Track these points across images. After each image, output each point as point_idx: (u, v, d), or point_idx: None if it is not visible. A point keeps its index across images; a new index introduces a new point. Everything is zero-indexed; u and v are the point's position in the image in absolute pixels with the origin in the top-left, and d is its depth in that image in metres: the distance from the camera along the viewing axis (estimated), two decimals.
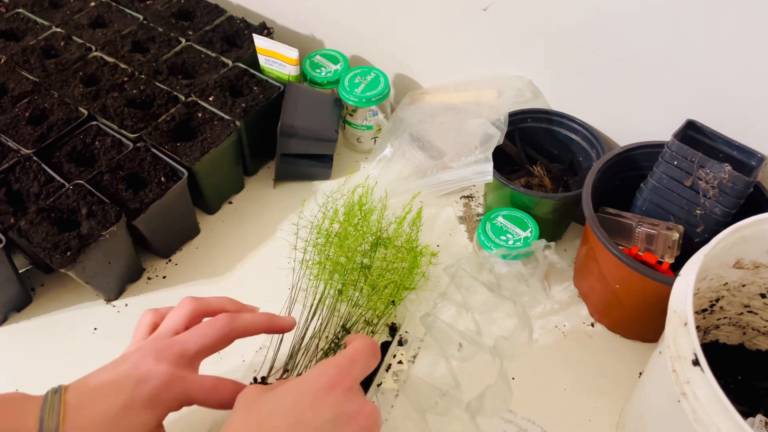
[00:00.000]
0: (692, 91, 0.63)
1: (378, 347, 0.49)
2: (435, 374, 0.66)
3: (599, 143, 0.73)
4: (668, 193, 0.64)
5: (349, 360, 0.46)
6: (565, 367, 0.68)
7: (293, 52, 0.81)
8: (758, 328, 0.63)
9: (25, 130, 0.74)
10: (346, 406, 0.43)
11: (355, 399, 0.44)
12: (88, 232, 0.65)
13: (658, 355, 0.51)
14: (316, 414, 0.42)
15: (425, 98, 0.84)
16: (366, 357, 0.47)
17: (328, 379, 0.44)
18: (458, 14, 0.76)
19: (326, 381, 0.44)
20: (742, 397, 0.62)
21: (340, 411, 0.43)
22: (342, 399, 0.43)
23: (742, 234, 0.51)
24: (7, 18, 0.90)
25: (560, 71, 0.73)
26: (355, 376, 0.45)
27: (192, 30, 0.89)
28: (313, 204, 0.82)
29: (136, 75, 0.82)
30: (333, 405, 0.43)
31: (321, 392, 0.43)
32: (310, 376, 0.44)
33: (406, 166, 0.81)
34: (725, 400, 0.39)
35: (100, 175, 0.70)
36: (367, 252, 0.69)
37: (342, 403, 0.43)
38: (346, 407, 0.43)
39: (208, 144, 0.73)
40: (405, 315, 0.71)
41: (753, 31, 0.55)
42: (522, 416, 0.63)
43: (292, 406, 0.42)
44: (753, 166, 0.61)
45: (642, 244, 0.64)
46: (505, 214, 0.72)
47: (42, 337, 0.71)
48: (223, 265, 0.77)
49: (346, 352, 0.47)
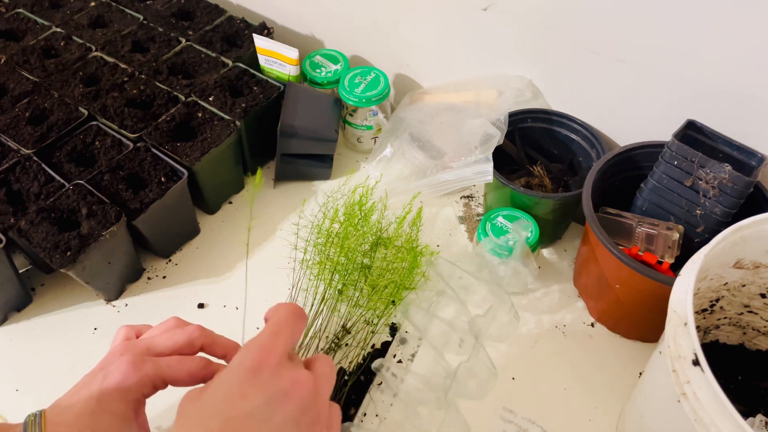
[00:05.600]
0: (692, 91, 0.63)
1: (301, 309, 0.46)
2: (434, 372, 0.66)
3: (599, 143, 0.73)
4: (668, 193, 0.64)
5: (270, 334, 0.43)
6: (565, 367, 0.68)
7: (293, 52, 0.81)
8: (758, 328, 0.63)
9: (25, 130, 0.74)
10: (277, 383, 0.40)
11: (285, 373, 0.41)
12: (88, 232, 0.65)
13: (658, 355, 0.51)
14: (247, 402, 0.39)
15: (425, 98, 0.84)
16: (290, 324, 0.44)
17: (251, 362, 0.41)
18: (458, 14, 0.76)
19: (249, 364, 0.41)
20: (742, 397, 0.62)
21: (272, 391, 0.40)
22: (270, 378, 0.40)
23: (742, 234, 0.51)
24: (7, 18, 0.90)
25: (560, 71, 0.73)
26: (280, 350, 0.42)
27: (192, 30, 0.89)
28: (313, 204, 0.82)
29: (136, 75, 0.82)
30: (262, 387, 0.40)
31: (246, 377, 0.40)
32: (234, 364, 0.41)
33: (406, 166, 0.81)
34: (725, 400, 0.39)
35: (100, 175, 0.70)
36: (367, 252, 0.69)
37: (272, 383, 0.40)
38: (277, 385, 0.40)
39: (208, 144, 0.73)
40: (405, 315, 0.70)
41: (753, 31, 0.55)
42: (522, 416, 0.63)
43: (223, 400, 0.40)
44: (753, 166, 0.61)
45: (642, 244, 0.64)
46: (505, 214, 0.72)
47: (42, 337, 0.71)
48: (223, 265, 0.77)
49: (266, 328, 0.44)
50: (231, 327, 0.67)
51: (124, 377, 0.45)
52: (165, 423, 0.62)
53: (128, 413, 0.45)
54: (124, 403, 0.45)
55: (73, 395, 0.46)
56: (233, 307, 0.73)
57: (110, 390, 0.45)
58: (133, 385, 0.45)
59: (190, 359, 0.48)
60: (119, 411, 0.44)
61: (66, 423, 0.44)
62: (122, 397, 0.45)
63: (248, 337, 0.53)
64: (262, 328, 0.45)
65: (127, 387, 0.45)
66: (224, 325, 0.56)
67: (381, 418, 0.63)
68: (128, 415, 0.45)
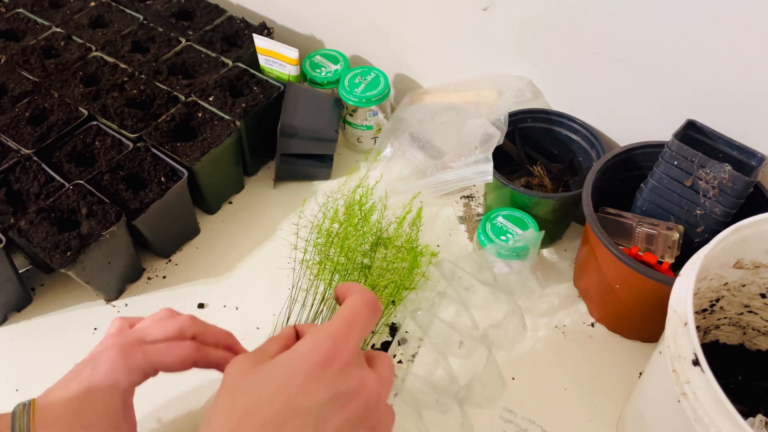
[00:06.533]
0: (692, 91, 0.63)
1: (377, 300, 0.41)
2: (434, 373, 0.66)
3: (599, 143, 0.73)
4: (668, 193, 0.64)
5: (345, 325, 0.38)
6: (565, 367, 0.68)
7: (293, 52, 0.81)
8: (758, 328, 0.63)
9: (25, 130, 0.74)
10: (345, 383, 0.37)
11: (355, 373, 0.37)
12: (88, 232, 0.65)
13: (658, 355, 0.51)
14: (309, 397, 0.36)
15: (425, 98, 0.84)
16: (365, 316, 0.40)
17: (323, 354, 0.37)
18: (458, 14, 0.76)
19: (320, 357, 0.37)
20: (742, 397, 0.62)
21: (338, 390, 0.36)
22: (339, 376, 0.37)
23: (742, 234, 0.51)
24: (7, 18, 0.90)
25: (560, 71, 0.73)
26: (353, 344, 0.38)
27: (192, 30, 0.89)
28: (313, 204, 0.82)
29: (136, 75, 0.82)
30: (328, 384, 0.36)
31: (314, 371, 0.36)
32: (301, 351, 0.38)
33: (406, 166, 0.81)
34: (725, 400, 0.39)
35: (100, 175, 0.70)
36: (367, 252, 0.69)
37: (339, 381, 0.37)
38: (344, 385, 0.37)
39: (208, 144, 0.73)
40: (405, 315, 0.71)
41: (753, 30, 0.55)
42: (522, 416, 0.63)
43: (282, 388, 0.36)
44: (753, 166, 0.61)
45: (642, 244, 0.64)
46: (505, 214, 0.72)
47: (42, 337, 0.71)
48: (223, 265, 0.77)
49: (340, 314, 0.39)
50: (231, 327, 0.66)
51: (113, 367, 0.45)
52: (166, 416, 0.62)
53: (116, 404, 0.45)
54: (113, 393, 0.45)
55: (63, 386, 0.46)
56: (233, 307, 0.73)
57: (99, 380, 0.45)
58: (122, 374, 0.45)
59: (180, 344, 0.48)
60: (107, 401, 0.44)
61: (54, 414, 0.44)
62: (111, 387, 0.45)
63: (249, 337, 0.53)
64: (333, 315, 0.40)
65: (116, 377, 0.45)
66: (224, 325, 0.56)
67: None
68: (116, 406, 0.45)
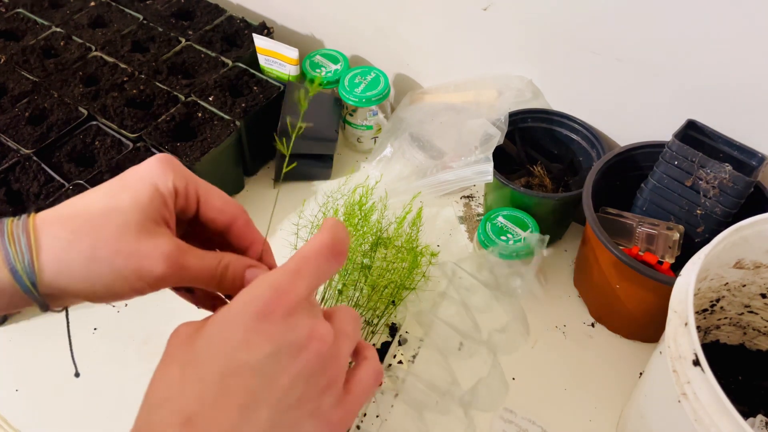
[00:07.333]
0: (692, 91, 0.63)
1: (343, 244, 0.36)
2: (435, 373, 0.66)
3: (599, 143, 0.73)
4: (669, 193, 0.64)
5: (288, 272, 0.34)
6: (565, 367, 0.67)
7: (293, 52, 0.81)
8: (759, 328, 0.63)
9: (25, 130, 0.74)
10: (290, 333, 0.33)
11: (302, 322, 0.33)
12: None
13: (658, 355, 0.51)
14: (250, 352, 0.32)
15: (425, 98, 0.83)
16: (319, 260, 0.35)
17: (262, 304, 0.33)
18: (458, 14, 0.76)
19: (258, 307, 0.33)
20: (742, 397, 0.62)
21: (283, 342, 0.32)
22: (283, 326, 0.33)
23: (743, 234, 0.51)
24: (7, 18, 0.90)
25: (560, 71, 0.73)
26: (300, 291, 0.33)
27: (192, 30, 0.89)
28: (313, 204, 0.82)
29: (136, 75, 0.82)
30: (271, 336, 0.32)
31: (253, 322, 0.32)
32: (238, 303, 0.33)
33: (406, 166, 0.81)
34: (725, 400, 0.39)
35: (100, 175, 0.70)
36: (367, 252, 0.69)
37: (284, 332, 0.33)
38: (289, 336, 0.33)
39: (208, 144, 0.73)
40: (405, 315, 0.71)
41: (753, 30, 0.55)
42: (522, 416, 0.63)
43: (221, 345, 0.32)
44: (753, 166, 0.61)
45: (642, 244, 0.64)
46: (506, 214, 0.72)
47: (42, 337, 0.71)
48: None
49: (288, 262, 0.35)
50: None
51: (149, 168, 0.36)
52: None
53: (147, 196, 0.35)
54: (144, 184, 0.35)
55: (78, 200, 0.35)
56: None
57: (129, 177, 0.35)
58: (158, 176, 0.35)
59: (232, 200, 0.39)
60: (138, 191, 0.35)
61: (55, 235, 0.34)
62: (141, 180, 0.35)
63: None
64: None
65: (151, 174, 0.35)
66: None
67: (382, 419, 0.63)
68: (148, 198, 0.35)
